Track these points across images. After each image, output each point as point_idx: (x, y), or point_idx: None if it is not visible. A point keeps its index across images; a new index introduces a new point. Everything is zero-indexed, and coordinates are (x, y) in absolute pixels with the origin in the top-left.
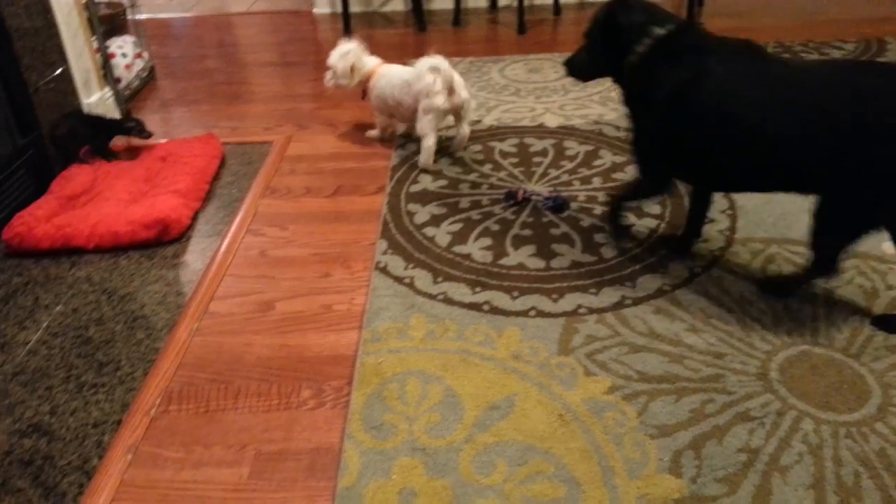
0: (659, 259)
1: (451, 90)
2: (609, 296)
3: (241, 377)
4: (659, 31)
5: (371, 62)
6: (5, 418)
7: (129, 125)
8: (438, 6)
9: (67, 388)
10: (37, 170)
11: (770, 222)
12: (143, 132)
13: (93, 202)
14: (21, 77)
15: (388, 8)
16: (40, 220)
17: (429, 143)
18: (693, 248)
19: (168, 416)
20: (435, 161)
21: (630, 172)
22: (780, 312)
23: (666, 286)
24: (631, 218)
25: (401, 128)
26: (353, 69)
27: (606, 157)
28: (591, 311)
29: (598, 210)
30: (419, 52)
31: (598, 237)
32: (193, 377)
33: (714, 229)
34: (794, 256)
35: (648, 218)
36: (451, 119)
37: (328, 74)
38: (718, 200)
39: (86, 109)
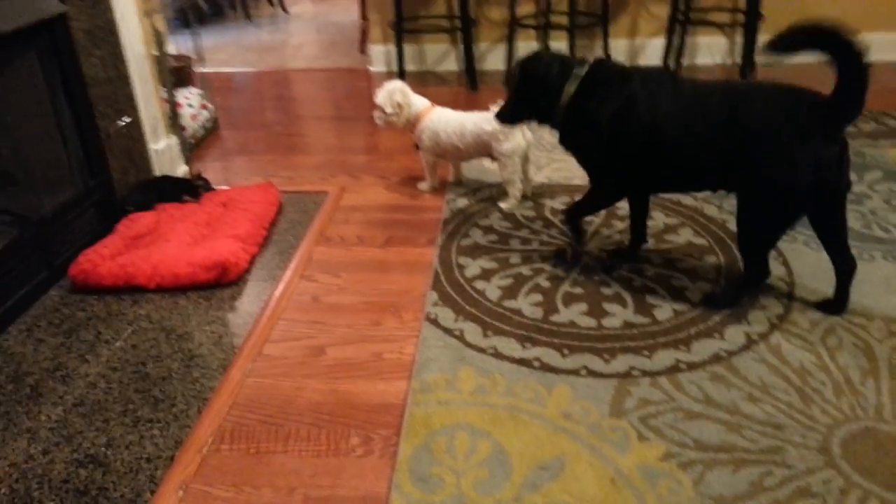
0: (714, 324)
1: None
2: (663, 359)
3: (291, 420)
4: (580, 71)
5: (420, 102)
6: (64, 447)
7: (198, 184)
8: (490, 66)
9: (124, 422)
10: (104, 210)
11: (829, 291)
12: (209, 189)
13: (156, 243)
14: (94, 123)
15: (441, 67)
16: (105, 259)
17: (516, 186)
18: (640, 253)
19: (220, 454)
20: (485, 215)
21: (682, 234)
22: (842, 385)
23: (722, 352)
24: (685, 280)
25: (452, 175)
26: (400, 106)
27: (658, 219)
28: (645, 373)
29: (651, 271)
30: (471, 108)
31: (651, 298)
32: (245, 417)
33: (771, 296)
34: (855, 327)
35: (703, 282)
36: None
37: (377, 113)
38: (776, 267)
39: (153, 156)
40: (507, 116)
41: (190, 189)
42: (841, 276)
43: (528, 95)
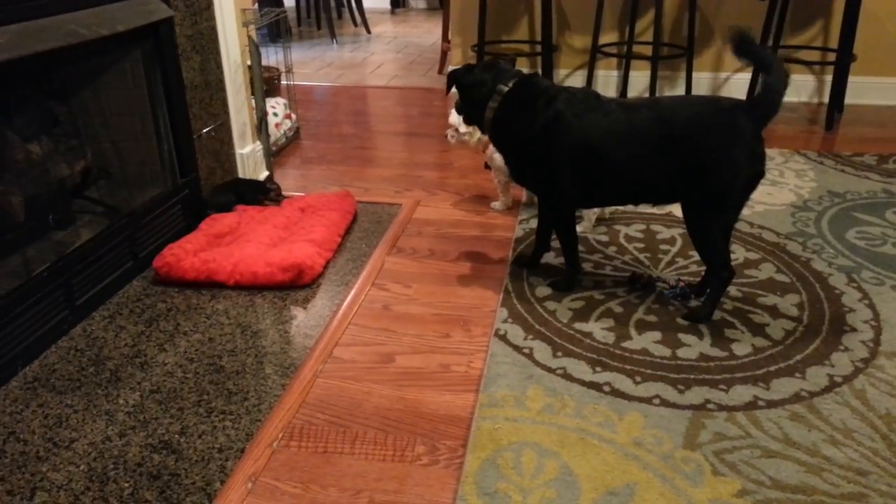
0: (795, 363)
1: None
2: (740, 394)
3: (358, 423)
4: (504, 87)
5: None
6: (140, 432)
7: (271, 187)
8: None
9: (198, 412)
10: (189, 208)
11: None
12: (278, 197)
13: (236, 242)
14: (188, 124)
15: None
16: (188, 254)
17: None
18: (541, 260)
19: (288, 451)
20: (553, 239)
21: (764, 269)
22: None
23: (803, 392)
24: (765, 317)
25: (525, 196)
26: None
27: (739, 252)
28: (721, 407)
29: (730, 305)
30: None
31: (729, 332)
32: (314, 417)
33: (856, 339)
34: None
35: (785, 319)
36: None
37: (450, 131)
38: (861, 310)
39: (238, 160)
40: (459, 110)
41: (263, 191)
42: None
43: (463, 103)
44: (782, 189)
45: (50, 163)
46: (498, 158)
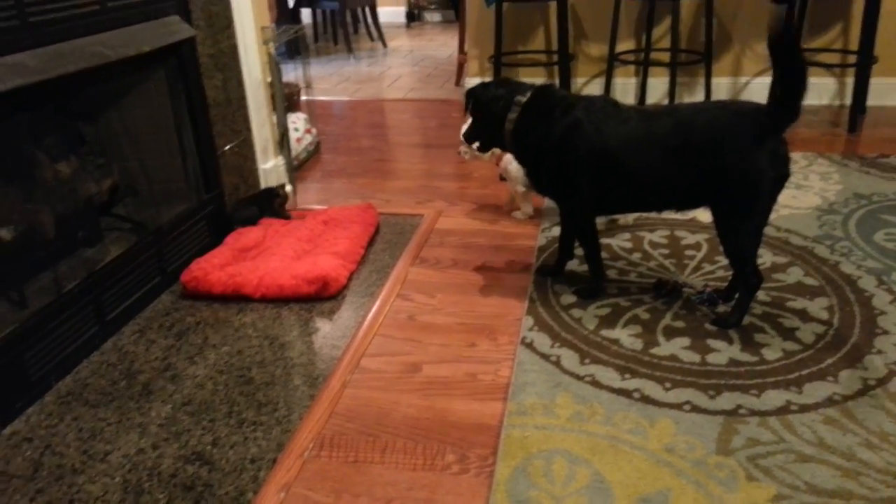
0: (827, 367)
1: None
2: (772, 399)
3: (387, 432)
4: (522, 98)
5: None
6: (173, 443)
7: (280, 192)
8: None
9: (229, 423)
10: (215, 223)
11: None
12: (282, 206)
13: (261, 256)
14: (212, 141)
15: None
16: (215, 268)
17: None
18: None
19: (320, 460)
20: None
21: (792, 273)
22: None
23: (837, 396)
24: (795, 321)
25: (528, 208)
26: None
27: (766, 257)
28: (753, 412)
29: (759, 310)
30: None
31: (759, 337)
32: (344, 427)
33: (888, 342)
34: None
35: (815, 323)
36: None
37: (462, 147)
38: (892, 312)
39: (261, 174)
40: (470, 137)
41: (274, 195)
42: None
43: (478, 121)
44: (807, 192)
45: (78, 181)
46: (512, 169)
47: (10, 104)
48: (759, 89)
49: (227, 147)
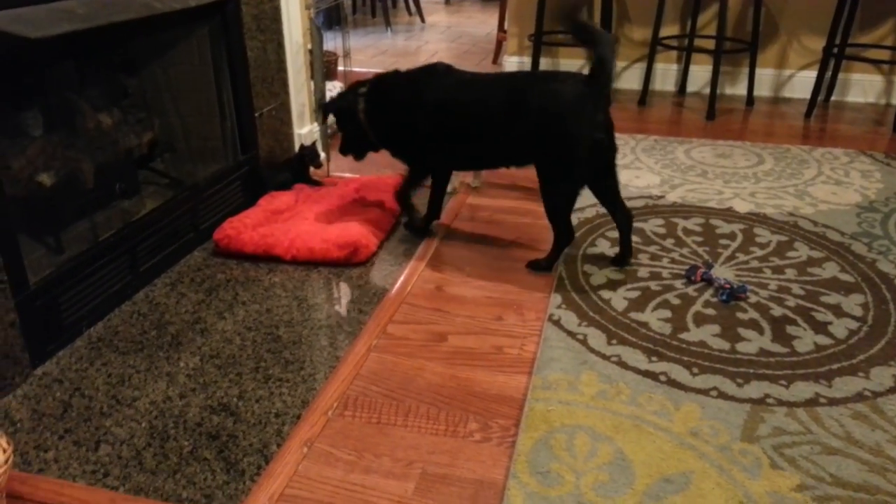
0: (859, 362)
1: None
2: (801, 390)
3: (411, 397)
4: (363, 89)
5: None
6: (200, 394)
7: (308, 152)
8: (625, 85)
9: (256, 378)
10: (249, 184)
11: None
12: (315, 160)
13: (293, 219)
14: (251, 102)
15: None
16: (248, 227)
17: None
18: (432, 227)
19: (343, 419)
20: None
21: (827, 268)
22: None
23: (867, 392)
24: (829, 315)
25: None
26: None
27: (802, 251)
28: (781, 403)
29: (792, 302)
30: None
31: (791, 329)
32: (368, 389)
33: None
34: None
35: (849, 319)
36: None
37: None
38: None
39: (296, 139)
40: (345, 149)
41: (303, 156)
42: (623, 227)
43: (343, 130)
44: (847, 189)
45: (119, 133)
46: None
47: (57, 50)
48: (802, 83)
49: (264, 109)
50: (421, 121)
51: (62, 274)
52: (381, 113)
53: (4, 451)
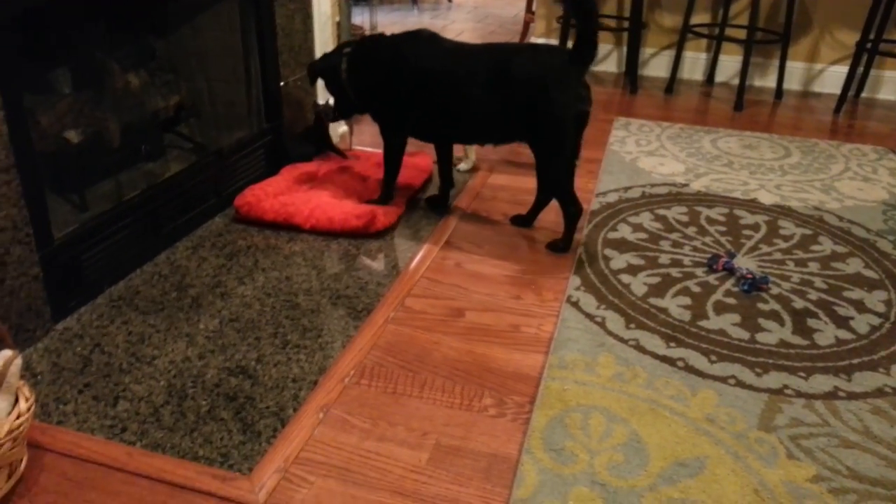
0: (880, 358)
1: None
2: (820, 383)
3: (427, 370)
4: (347, 49)
5: None
6: (218, 355)
7: (322, 109)
8: (652, 73)
9: (274, 343)
10: (272, 153)
11: None
12: (329, 114)
13: (314, 189)
14: (277, 71)
15: (600, 67)
16: (269, 195)
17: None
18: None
19: (359, 388)
20: (635, 213)
21: (851, 264)
22: None
23: (887, 388)
24: (851, 310)
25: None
26: None
27: (826, 245)
28: (799, 394)
29: (814, 295)
30: (625, 112)
31: (812, 322)
32: (385, 360)
33: None
34: None
35: (871, 315)
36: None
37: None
38: None
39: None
40: (336, 115)
41: (317, 112)
42: (543, 204)
43: (329, 89)
44: (875, 186)
45: (146, 94)
46: None
47: (89, 7)
48: (833, 78)
49: (290, 79)
50: (399, 85)
51: (86, 231)
52: (361, 74)
53: (27, 399)
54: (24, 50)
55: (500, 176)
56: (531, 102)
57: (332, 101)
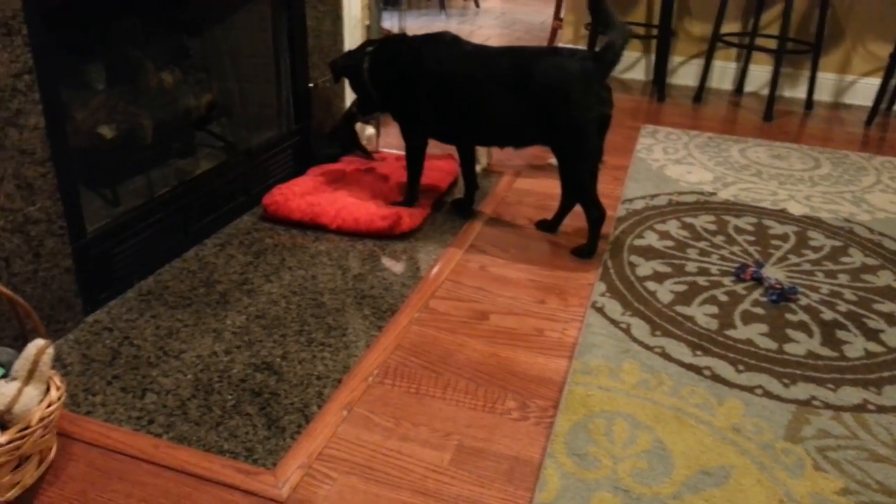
0: None
1: None
2: (849, 395)
3: (451, 371)
4: (370, 48)
5: None
6: (244, 351)
7: (353, 110)
8: (680, 81)
9: (299, 340)
10: (300, 153)
11: None
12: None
13: (341, 190)
14: (307, 72)
15: (627, 75)
16: (296, 195)
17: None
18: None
19: (383, 387)
20: (662, 221)
21: (882, 276)
22: None
23: None
24: (881, 323)
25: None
26: None
27: (856, 257)
28: (827, 406)
29: (843, 307)
30: (652, 120)
31: (841, 333)
32: (408, 360)
33: None
34: None
35: None
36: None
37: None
38: None
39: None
40: (362, 108)
41: (349, 115)
42: (568, 209)
43: (352, 86)
44: None
45: (179, 93)
46: None
47: (126, 5)
48: (865, 90)
49: (319, 81)
50: (419, 86)
51: (117, 226)
52: (382, 73)
53: (58, 388)
54: (62, 46)
55: (525, 180)
56: (552, 106)
57: (371, 129)
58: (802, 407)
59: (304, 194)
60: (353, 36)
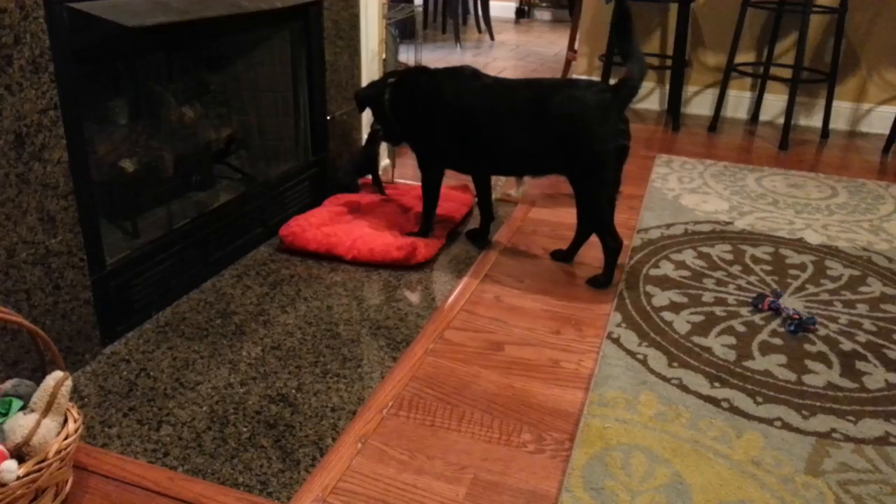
0: None
1: None
2: (870, 428)
3: (466, 403)
4: (392, 80)
5: None
6: (260, 383)
7: (377, 128)
8: (694, 111)
9: (314, 372)
10: (317, 184)
11: None
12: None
13: (356, 221)
14: (325, 105)
15: (642, 105)
16: (312, 226)
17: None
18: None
19: (398, 419)
20: (678, 251)
21: None
22: None
23: None
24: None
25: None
26: None
27: (875, 286)
28: (848, 438)
29: (863, 338)
30: (667, 149)
31: (861, 364)
32: (423, 391)
33: None
34: None
35: None
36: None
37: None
38: None
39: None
40: (389, 137)
41: (371, 138)
42: (584, 237)
43: (375, 116)
44: None
45: (199, 127)
46: None
47: (149, 41)
48: (881, 118)
49: (337, 113)
50: (437, 118)
51: (137, 258)
52: (403, 104)
53: (75, 420)
54: (86, 82)
55: (540, 210)
56: (571, 137)
57: (387, 160)
58: (822, 439)
59: (320, 225)
60: (370, 70)
